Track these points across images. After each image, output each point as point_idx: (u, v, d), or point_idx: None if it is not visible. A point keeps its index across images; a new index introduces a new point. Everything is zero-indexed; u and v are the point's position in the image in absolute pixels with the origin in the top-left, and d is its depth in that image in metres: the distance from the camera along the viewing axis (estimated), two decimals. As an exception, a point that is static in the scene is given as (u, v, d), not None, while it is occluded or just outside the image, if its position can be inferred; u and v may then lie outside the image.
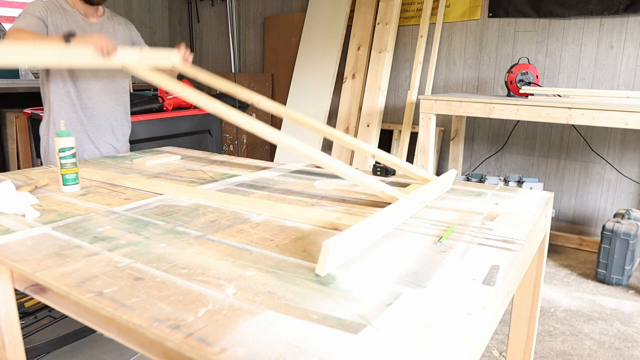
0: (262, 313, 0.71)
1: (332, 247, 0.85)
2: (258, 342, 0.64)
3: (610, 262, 2.68)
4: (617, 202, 3.28)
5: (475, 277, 0.85)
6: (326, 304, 0.75)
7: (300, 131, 4.22)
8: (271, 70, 4.73)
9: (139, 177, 1.60)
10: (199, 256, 0.94)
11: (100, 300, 0.75)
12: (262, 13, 4.79)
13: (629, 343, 2.14)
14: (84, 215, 1.21)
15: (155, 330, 0.67)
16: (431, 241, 1.03)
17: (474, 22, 3.64)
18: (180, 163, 1.90)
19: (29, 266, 0.89)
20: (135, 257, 0.93)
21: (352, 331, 0.67)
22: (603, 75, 3.20)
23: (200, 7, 5.22)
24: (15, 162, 3.74)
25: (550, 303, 2.51)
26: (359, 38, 3.99)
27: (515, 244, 1.01)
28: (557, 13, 3.27)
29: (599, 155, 3.26)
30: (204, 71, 1.79)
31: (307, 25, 4.34)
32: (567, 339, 2.18)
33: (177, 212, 1.23)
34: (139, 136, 2.82)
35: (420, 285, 0.82)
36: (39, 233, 1.07)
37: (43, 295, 0.88)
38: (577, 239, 3.33)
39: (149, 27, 5.40)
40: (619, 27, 3.10)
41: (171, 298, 0.76)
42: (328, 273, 0.86)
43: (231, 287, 0.80)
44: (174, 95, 3.08)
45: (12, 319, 1.02)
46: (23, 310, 1.81)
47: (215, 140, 3.36)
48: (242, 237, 1.05)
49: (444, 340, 0.65)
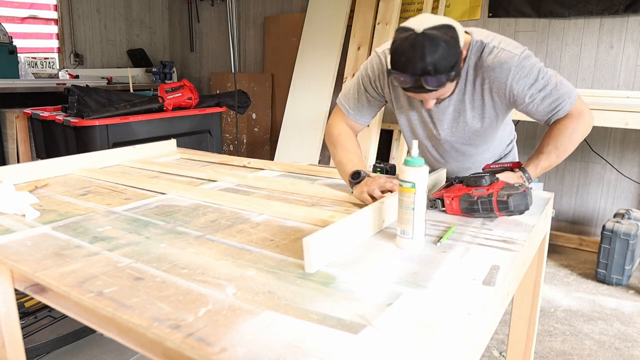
0: (262, 313, 0.71)
1: (313, 242, 0.86)
2: (258, 342, 0.64)
3: (610, 262, 2.68)
4: (617, 202, 3.28)
5: (475, 278, 0.85)
6: (326, 304, 0.75)
7: (300, 131, 4.23)
8: (271, 70, 4.73)
9: (139, 177, 1.60)
10: (199, 256, 0.94)
11: (101, 300, 0.75)
12: (262, 13, 4.79)
13: (629, 343, 2.14)
14: (84, 215, 1.21)
15: (155, 330, 0.67)
16: (431, 241, 1.03)
17: (474, 22, 3.64)
18: (181, 163, 1.90)
19: (29, 266, 0.89)
20: (136, 257, 0.93)
21: (352, 331, 0.67)
22: (603, 75, 3.20)
23: (200, 7, 5.21)
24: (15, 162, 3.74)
25: (550, 303, 2.51)
26: (359, 38, 3.99)
27: (515, 244, 1.01)
28: (557, 13, 3.27)
29: (599, 155, 3.26)
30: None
31: (307, 25, 4.34)
32: (567, 339, 2.18)
33: (177, 212, 1.23)
34: (139, 136, 2.82)
35: (420, 286, 0.82)
36: (39, 233, 1.07)
37: (43, 295, 0.88)
38: (577, 239, 3.33)
39: (149, 27, 5.40)
40: (619, 27, 3.10)
41: (171, 298, 0.76)
42: (328, 273, 0.86)
43: (231, 287, 0.80)
44: (174, 95, 3.08)
45: (12, 319, 1.02)
46: (23, 310, 1.81)
47: (215, 140, 3.36)
48: (242, 237, 1.05)
49: (444, 340, 0.65)
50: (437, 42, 1.10)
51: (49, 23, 4.65)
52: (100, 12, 4.92)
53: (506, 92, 1.28)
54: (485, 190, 1.17)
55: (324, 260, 0.90)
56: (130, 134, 2.80)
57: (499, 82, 1.27)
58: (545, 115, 1.33)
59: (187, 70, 5.52)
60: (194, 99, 3.18)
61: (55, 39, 4.69)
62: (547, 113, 1.32)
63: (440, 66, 1.11)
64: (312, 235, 0.87)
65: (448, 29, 1.13)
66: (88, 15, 4.83)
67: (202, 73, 5.40)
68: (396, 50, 1.14)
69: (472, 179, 1.20)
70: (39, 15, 4.57)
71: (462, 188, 1.21)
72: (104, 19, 4.96)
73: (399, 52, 1.14)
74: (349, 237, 0.99)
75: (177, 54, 5.58)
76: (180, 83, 3.18)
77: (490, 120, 1.38)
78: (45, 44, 4.66)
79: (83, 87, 2.92)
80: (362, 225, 1.03)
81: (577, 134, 1.31)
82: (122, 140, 2.72)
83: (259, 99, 4.64)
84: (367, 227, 1.05)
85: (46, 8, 4.61)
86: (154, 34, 5.46)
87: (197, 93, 3.23)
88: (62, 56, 4.71)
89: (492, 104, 1.34)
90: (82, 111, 2.71)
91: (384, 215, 1.11)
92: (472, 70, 1.30)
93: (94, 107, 2.80)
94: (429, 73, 1.11)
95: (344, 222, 0.96)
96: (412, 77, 1.13)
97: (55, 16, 4.65)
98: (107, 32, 5.01)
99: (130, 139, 2.75)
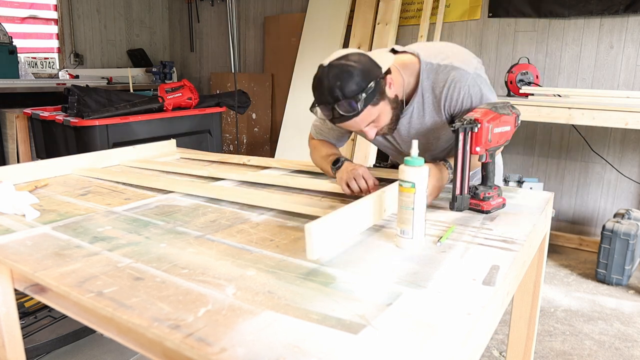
0: (262, 313, 0.71)
1: (315, 229, 0.86)
2: (258, 342, 0.64)
3: (610, 262, 2.68)
4: (617, 202, 3.28)
5: (475, 277, 0.85)
6: (326, 304, 0.75)
7: (300, 131, 4.23)
8: (271, 70, 4.73)
9: (140, 176, 1.60)
10: (199, 256, 0.94)
11: (100, 300, 0.75)
12: (262, 13, 4.79)
13: (629, 343, 2.14)
14: (84, 215, 1.21)
15: (155, 330, 0.67)
16: (431, 241, 1.03)
17: (474, 22, 3.64)
18: (181, 162, 1.90)
19: (29, 266, 0.89)
20: (135, 257, 0.93)
21: (352, 331, 0.67)
22: (603, 75, 3.20)
23: (200, 7, 5.22)
24: (15, 162, 3.74)
25: (550, 303, 2.51)
26: (359, 38, 3.99)
27: (515, 244, 1.01)
28: (557, 13, 3.27)
29: (599, 155, 3.26)
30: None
31: (307, 25, 4.34)
32: (567, 339, 2.18)
33: (177, 212, 1.23)
34: (139, 136, 2.82)
35: (420, 285, 0.82)
36: (39, 233, 1.07)
37: (43, 295, 0.88)
38: (577, 239, 3.33)
39: (149, 27, 5.40)
40: (619, 27, 3.10)
41: (171, 298, 0.76)
42: (328, 273, 0.86)
43: (231, 287, 0.80)
44: (174, 95, 3.08)
45: (12, 319, 1.02)
46: (23, 310, 1.81)
47: (215, 140, 3.36)
48: (242, 237, 1.05)
49: (443, 340, 0.65)
50: (342, 69, 1.15)
51: (49, 23, 4.65)
52: (100, 12, 4.92)
53: (457, 106, 1.32)
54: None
55: (325, 247, 0.90)
56: (130, 134, 2.80)
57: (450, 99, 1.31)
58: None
59: (187, 70, 5.52)
60: (194, 99, 3.18)
61: (55, 39, 4.69)
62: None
63: (347, 91, 1.15)
64: (314, 221, 0.87)
65: (354, 55, 1.19)
66: (88, 15, 4.83)
67: (202, 73, 5.40)
68: (312, 86, 1.22)
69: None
70: (39, 15, 4.57)
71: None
72: (104, 19, 4.96)
73: (313, 87, 1.21)
74: (351, 225, 0.99)
75: (177, 54, 5.58)
76: (180, 83, 3.18)
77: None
78: (45, 44, 4.66)
79: (83, 87, 2.92)
80: (363, 213, 1.04)
81: None
82: (122, 140, 2.72)
83: (259, 99, 4.64)
84: (367, 216, 1.05)
85: (46, 8, 4.61)
86: (154, 34, 5.46)
87: (197, 93, 3.23)
88: (62, 56, 4.72)
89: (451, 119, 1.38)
90: (82, 111, 2.71)
91: (385, 204, 1.12)
92: (428, 93, 1.33)
93: (94, 107, 2.80)
94: (337, 99, 1.15)
95: (345, 209, 0.97)
96: (328, 107, 1.19)
97: (55, 16, 4.65)
98: (107, 32, 5.01)
99: (130, 139, 2.75)
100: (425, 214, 0.99)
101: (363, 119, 1.22)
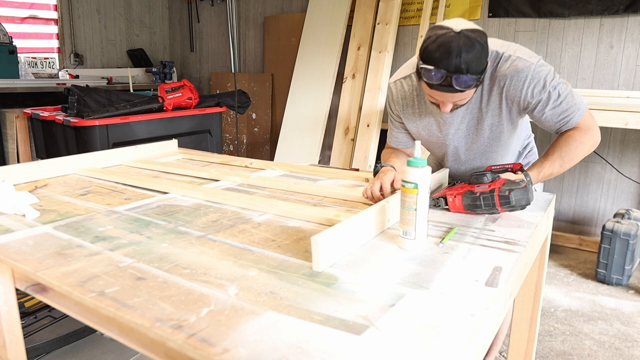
0: (264, 313, 0.71)
1: (321, 241, 0.86)
2: (260, 342, 0.64)
3: (610, 262, 2.68)
4: (617, 202, 3.28)
5: (477, 279, 0.85)
6: (329, 304, 0.74)
7: (300, 131, 4.22)
8: (271, 70, 4.73)
9: (140, 176, 1.60)
10: (200, 256, 0.94)
11: (102, 300, 0.75)
12: (262, 13, 4.79)
13: (629, 343, 2.14)
14: (84, 215, 1.20)
15: (157, 331, 0.67)
16: (433, 242, 1.03)
17: (474, 22, 3.63)
18: (182, 162, 1.90)
19: (30, 265, 0.89)
20: (137, 257, 0.93)
21: (354, 332, 0.67)
22: (603, 75, 3.20)
23: (200, 7, 5.21)
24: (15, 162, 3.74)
25: (551, 303, 2.51)
26: (359, 38, 3.99)
27: (517, 246, 1.01)
28: (557, 13, 3.27)
29: (599, 155, 3.26)
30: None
31: (307, 25, 4.34)
32: (567, 339, 2.18)
33: (178, 212, 1.23)
34: (139, 136, 2.82)
35: (423, 287, 0.81)
36: (40, 232, 1.07)
37: (44, 295, 0.88)
38: (577, 239, 3.33)
39: (149, 27, 5.39)
40: (619, 27, 3.10)
41: (173, 298, 0.76)
42: (331, 274, 0.86)
43: (233, 287, 0.80)
44: (174, 95, 3.08)
45: (13, 319, 1.02)
46: (23, 310, 1.81)
47: (215, 140, 3.36)
48: (244, 237, 1.05)
49: (447, 341, 0.65)
50: (474, 43, 1.11)
51: (49, 23, 4.64)
52: (100, 12, 4.92)
53: (520, 99, 1.31)
54: (487, 186, 1.17)
55: (331, 258, 0.90)
56: (130, 134, 2.80)
57: (514, 89, 1.29)
58: (554, 125, 1.35)
59: (187, 70, 5.52)
60: (194, 99, 3.18)
61: (55, 39, 4.68)
62: (556, 123, 1.34)
63: (472, 67, 1.12)
64: (320, 233, 0.87)
65: (483, 34, 1.16)
66: (88, 15, 4.82)
67: (202, 73, 5.40)
68: (431, 45, 1.14)
69: (475, 176, 1.21)
70: (39, 15, 4.56)
71: (465, 186, 1.22)
72: (104, 19, 4.96)
73: (434, 47, 1.13)
74: (355, 236, 0.99)
75: (177, 54, 5.58)
76: (180, 83, 3.17)
77: (507, 126, 1.42)
78: (45, 44, 4.65)
79: (83, 87, 2.91)
80: (368, 224, 1.03)
81: (582, 147, 1.33)
82: (122, 140, 2.72)
83: (259, 99, 4.64)
84: (371, 227, 1.05)
85: (46, 8, 4.60)
86: (154, 34, 5.45)
87: (197, 93, 3.22)
88: (62, 56, 4.71)
89: (508, 112, 1.36)
90: (82, 111, 2.70)
91: (389, 214, 1.11)
92: (488, 80, 1.33)
93: (94, 107, 2.79)
94: (461, 71, 1.12)
95: (350, 221, 0.97)
96: (444, 73, 1.13)
97: (55, 16, 4.64)
98: (107, 32, 5.01)
99: (130, 139, 2.74)
100: (428, 215, 0.99)
101: (462, 96, 1.22)
